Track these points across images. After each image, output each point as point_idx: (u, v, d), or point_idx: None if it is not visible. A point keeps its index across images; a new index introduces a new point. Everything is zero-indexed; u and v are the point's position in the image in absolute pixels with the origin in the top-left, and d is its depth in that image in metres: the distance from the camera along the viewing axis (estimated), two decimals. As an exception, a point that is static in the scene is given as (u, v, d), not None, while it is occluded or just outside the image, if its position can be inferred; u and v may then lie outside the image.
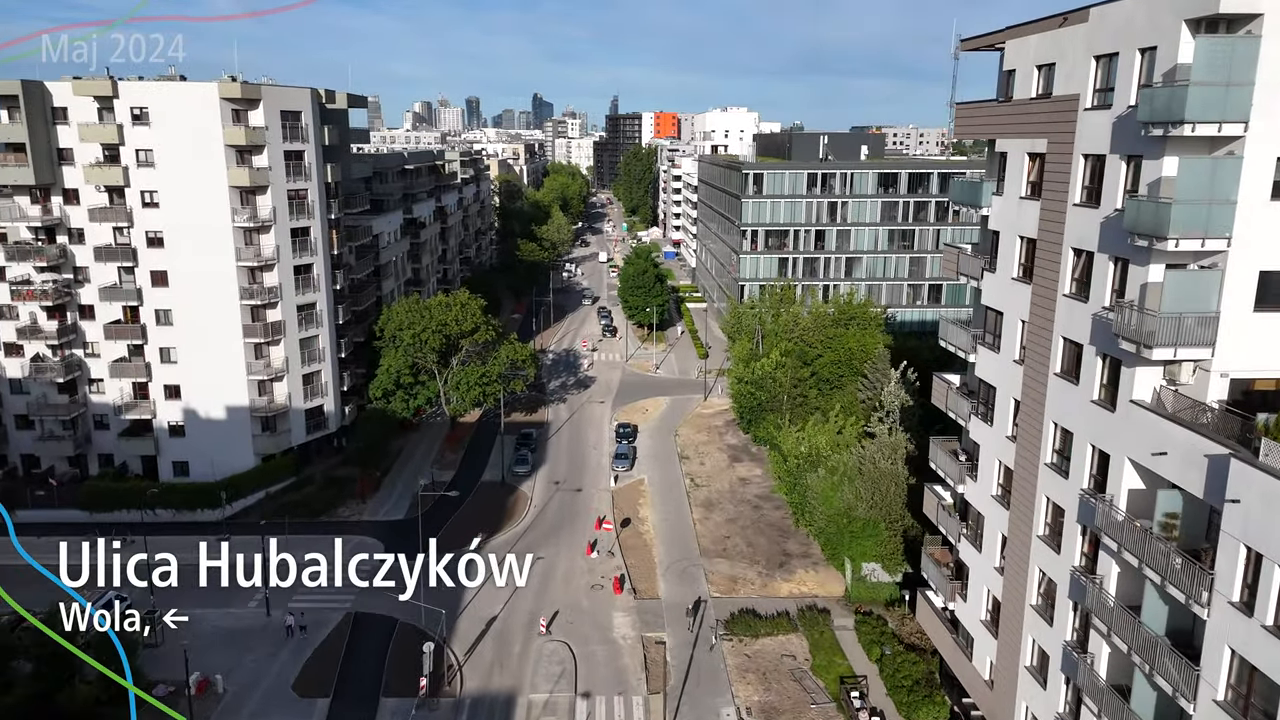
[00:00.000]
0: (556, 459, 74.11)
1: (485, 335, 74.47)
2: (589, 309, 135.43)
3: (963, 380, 40.24)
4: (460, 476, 70.19)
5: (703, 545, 58.38)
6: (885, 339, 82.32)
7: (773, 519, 62.07)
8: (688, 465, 72.33)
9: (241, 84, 60.37)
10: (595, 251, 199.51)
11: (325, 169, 67.99)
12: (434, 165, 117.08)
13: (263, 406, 64.90)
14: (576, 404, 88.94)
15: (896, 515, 51.94)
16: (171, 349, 63.40)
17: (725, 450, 75.58)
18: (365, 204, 79.58)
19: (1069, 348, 30.22)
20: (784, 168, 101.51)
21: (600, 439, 79.02)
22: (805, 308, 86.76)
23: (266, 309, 64.31)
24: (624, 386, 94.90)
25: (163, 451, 64.73)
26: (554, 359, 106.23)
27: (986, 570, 36.60)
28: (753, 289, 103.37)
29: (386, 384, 72.65)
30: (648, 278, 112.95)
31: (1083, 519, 29.30)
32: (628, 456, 72.15)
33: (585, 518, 62.74)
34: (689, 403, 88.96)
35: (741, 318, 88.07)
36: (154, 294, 62.45)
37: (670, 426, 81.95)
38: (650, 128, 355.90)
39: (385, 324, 73.05)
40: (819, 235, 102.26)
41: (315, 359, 67.78)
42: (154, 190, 60.91)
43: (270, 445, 65.43)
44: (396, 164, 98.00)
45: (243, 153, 61.69)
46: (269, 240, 63.45)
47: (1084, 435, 29.25)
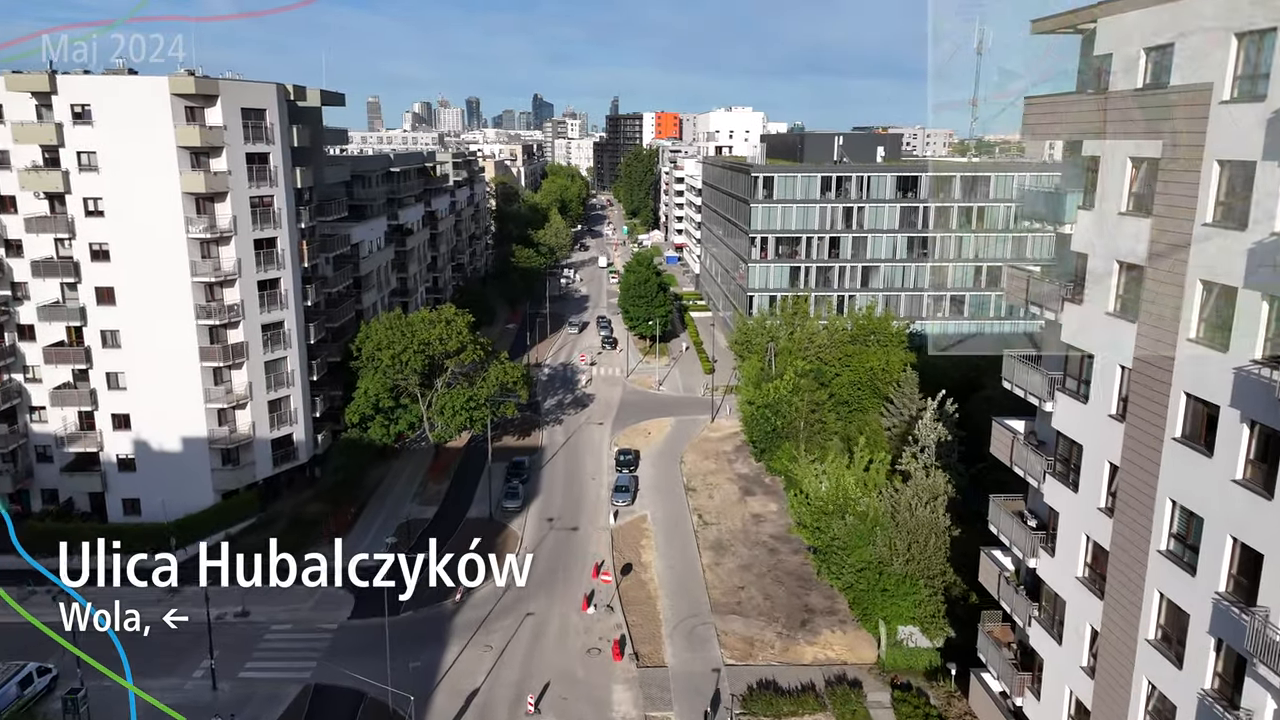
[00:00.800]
0: (551, 491, 67.50)
1: (472, 355, 67.89)
2: (588, 318, 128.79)
3: (1030, 429, 33.67)
4: (444, 512, 63.57)
5: (713, 598, 51.76)
6: (908, 356, 75.92)
7: (791, 565, 55.46)
8: (695, 498, 65.71)
9: (195, 78, 53.79)
10: (594, 256, 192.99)
11: (294, 173, 61.40)
12: (423, 168, 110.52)
13: (223, 437, 58.31)
14: (574, 425, 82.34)
15: (937, 571, 45.33)
16: (120, 374, 56.78)
17: (736, 481, 68.95)
18: (343, 210, 72.95)
19: (1196, 408, 23.63)
20: (795, 170, 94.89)
21: (599, 467, 72.42)
22: (821, 322, 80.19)
23: (227, 329, 57.73)
24: (625, 405, 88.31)
25: (111, 488, 58.11)
26: (550, 374, 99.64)
27: (1069, 668, 30.00)
28: (762, 300, 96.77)
29: (364, 408, 66.09)
30: (650, 286, 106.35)
31: (1218, 631, 22.72)
32: (629, 489, 65.51)
33: (582, 563, 56.13)
34: (695, 424, 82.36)
35: (751, 334, 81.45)
36: (100, 313, 55.85)
37: (675, 452, 75.34)
38: (651, 128, 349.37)
39: (363, 343, 66.49)
40: (833, 242, 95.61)
41: (283, 383, 61.20)
42: (98, 197, 54.33)
43: (231, 480, 58.82)
44: (380, 167, 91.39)
45: (198, 155, 55.11)
46: (229, 252, 56.87)
47: (1220, 524, 22.67)
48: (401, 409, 68.26)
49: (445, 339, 66.24)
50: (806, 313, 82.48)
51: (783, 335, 79.72)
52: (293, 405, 62.07)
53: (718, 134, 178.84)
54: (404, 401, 68.09)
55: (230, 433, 58.70)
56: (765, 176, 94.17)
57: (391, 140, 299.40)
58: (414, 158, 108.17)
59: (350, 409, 66.43)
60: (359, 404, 66.15)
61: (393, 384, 66.35)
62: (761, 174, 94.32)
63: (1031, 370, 32.00)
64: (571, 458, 74.50)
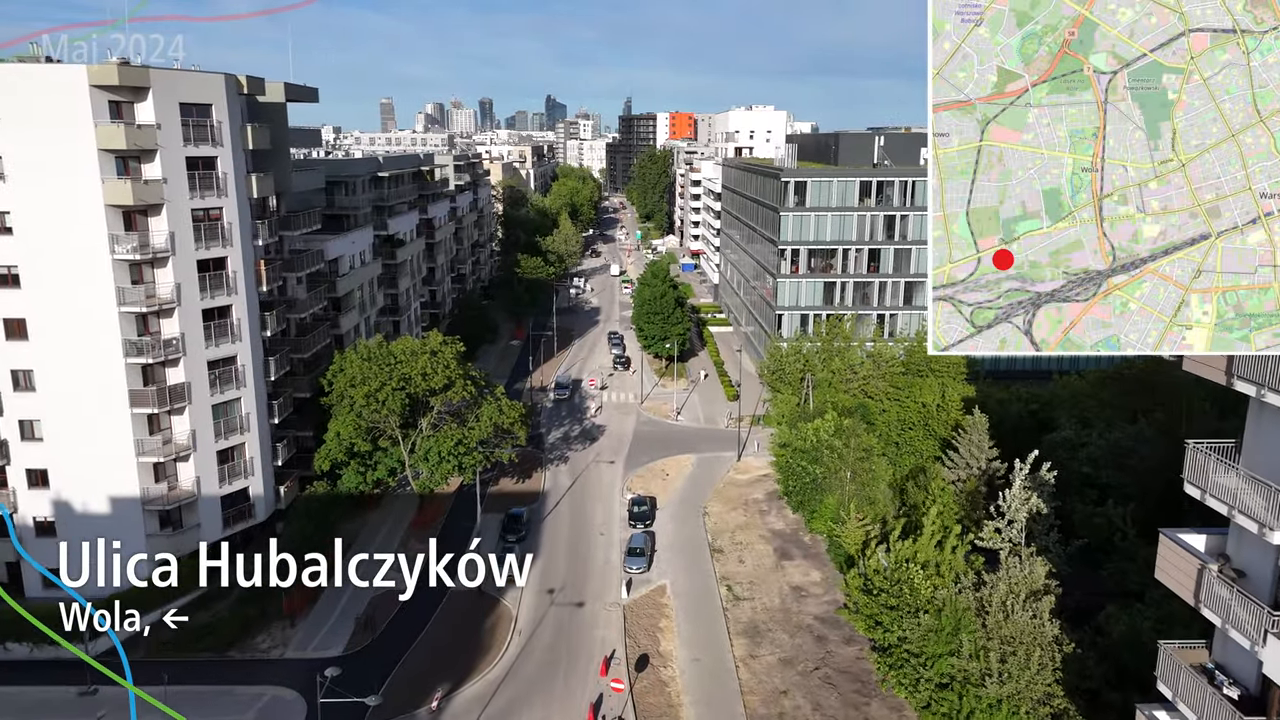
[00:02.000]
0: (553, 551, 57.76)
1: (462, 393, 58.27)
2: (598, 333, 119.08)
3: (1221, 552, 23.67)
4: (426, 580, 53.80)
5: (750, 708, 41.86)
6: (966, 390, 65.93)
7: (844, 659, 45.52)
8: (723, 562, 55.84)
9: (120, 67, 44.31)
10: (606, 263, 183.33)
11: (250, 180, 51.97)
12: (419, 171, 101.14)
13: (159, 496, 48.88)
14: (581, 464, 72.60)
15: (1040, 692, 35.38)
16: (35, 422, 47.40)
17: (769, 539, 59.02)
18: (315, 223, 63.41)
19: None
20: (831, 175, 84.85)
21: (609, 517, 62.70)
22: (866, 346, 70.21)
23: (165, 367, 48.32)
24: (639, 439, 78.52)
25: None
26: (556, 399, 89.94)
27: None
28: (793, 319, 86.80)
29: (335, 454, 56.67)
30: (666, 302, 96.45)
31: None
32: (644, 553, 55.65)
33: (587, 652, 46.39)
34: (719, 464, 72.46)
35: (783, 361, 71.55)
36: (9, 350, 46.47)
37: (697, 500, 65.46)
38: (665, 128, 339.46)
39: (334, 377, 56.98)
40: (873, 255, 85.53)
41: (236, 428, 51.75)
42: (4, 211, 44.97)
43: (170, 547, 49.14)
44: (367, 171, 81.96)
45: (126, 160, 45.71)
46: (165, 276, 47.44)
47: None
48: (381, 452, 58.80)
49: (430, 373, 56.65)
50: (846, 335, 72.48)
51: (819, 363, 69.85)
52: (248, 454, 52.58)
53: (737, 134, 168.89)
54: (384, 444, 58.60)
55: (169, 490, 49.25)
56: (797, 181, 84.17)
57: (400, 141, 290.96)
58: (408, 160, 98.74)
59: (319, 455, 57.02)
60: (330, 449, 56.74)
61: (369, 425, 56.89)
62: (792, 179, 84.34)
63: (1235, 476, 21.99)
64: (578, 506, 64.78)
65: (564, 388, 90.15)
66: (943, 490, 51.09)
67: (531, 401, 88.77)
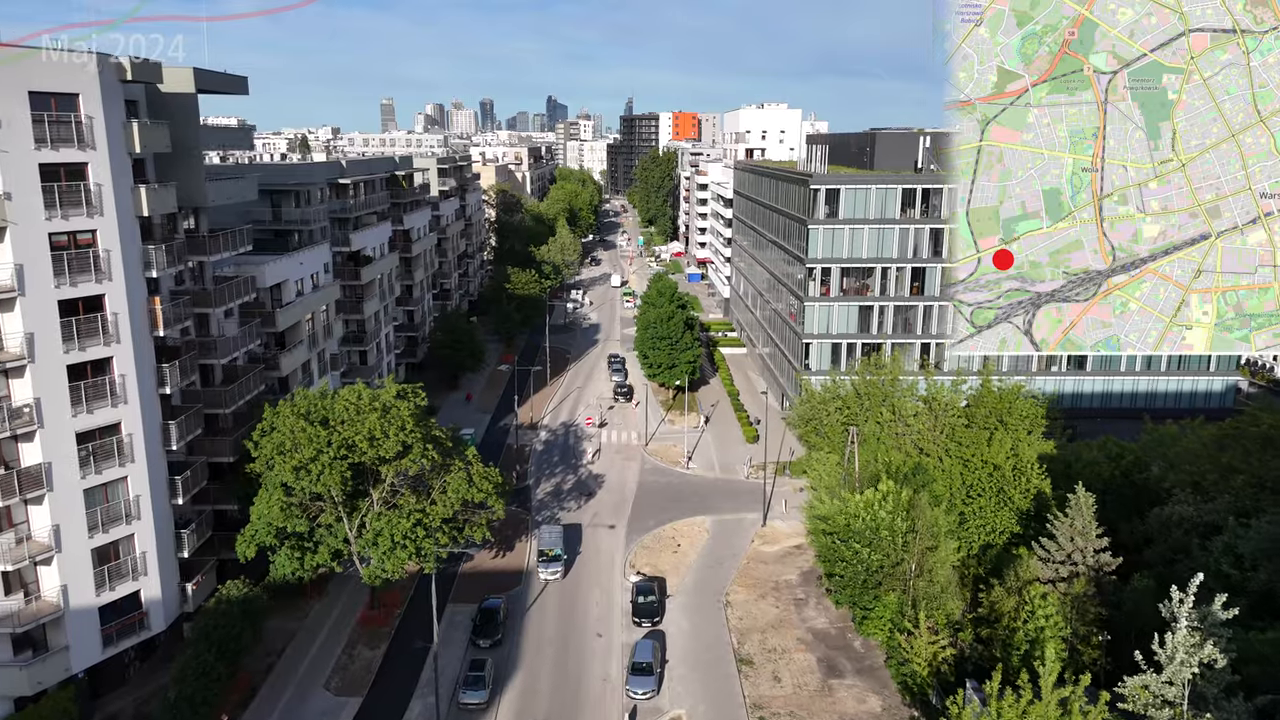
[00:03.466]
0: (536, 661, 45.63)
1: (420, 462, 46.06)
2: (597, 356, 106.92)
3: None
4: (370, 710, 41.77)
5: None
6: (1045, 446, 54.07)
7: None
8: (753, 681, 43.64)
9: (-66, 40, 32.37)
10: (607, 272, 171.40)
11: (138, 192, 39.92)
12: (393, 176, 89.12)
13: (11, 613, 36.84)
14: (575, 529, 60.47)
15: None
16: None
17: (810, 644, 46.82)
18: (245, 243, 51.16)
19: None
20: (867, 181, 72.70)
21: (608, 608, 50.69)
22: (918, 389, 58.03)
23: (16, 442, 36.35)
24: (644, 493, 66.44)
25: None
26: (547, 441, 77.91)
27: None
28: (822, 349, 74.74)
29: (262, 538, 44.65)
30: (674, 325, 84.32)
31: None
32: (652, 668, 43.38)
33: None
34: (741, 528, 60.35)
35: (818, 410, 59.36)
36: None
37: (717, 584, 53.26)
38: (668, 129, 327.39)
39: (260, 439, 44.78)
40: (915, 274, 73.41)
41: (120, 516, 39.71)
42: None
43: (28, 681, 37.30)
44: (324, 178, 69.93)
45: (-50, 168, 33.73)
46: (12, 324, 35.48)
47: None
48: (325, 530, 46.76)
49: (379, 438, 44.43)
50: (893, 374, 60.15)
51: (860, 411, 57.65)
52: (137, 549, 40.52)
53: (748, 134, 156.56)
54: (325, 520, 46.54)
55: (23, 605, 37.20)
56: (829, 189, 72.00)
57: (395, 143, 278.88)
58: (379, 165, 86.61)
59: (241, 539, 45.00)
60: (255, 532, 44.71)
61: (303, 502, 44.87)
62: (823, 185, 72.14)
63: None
64: (570, 590, 52.68)
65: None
66: (1044, 599, 38.93)
67: (518, 443, 76.80)
